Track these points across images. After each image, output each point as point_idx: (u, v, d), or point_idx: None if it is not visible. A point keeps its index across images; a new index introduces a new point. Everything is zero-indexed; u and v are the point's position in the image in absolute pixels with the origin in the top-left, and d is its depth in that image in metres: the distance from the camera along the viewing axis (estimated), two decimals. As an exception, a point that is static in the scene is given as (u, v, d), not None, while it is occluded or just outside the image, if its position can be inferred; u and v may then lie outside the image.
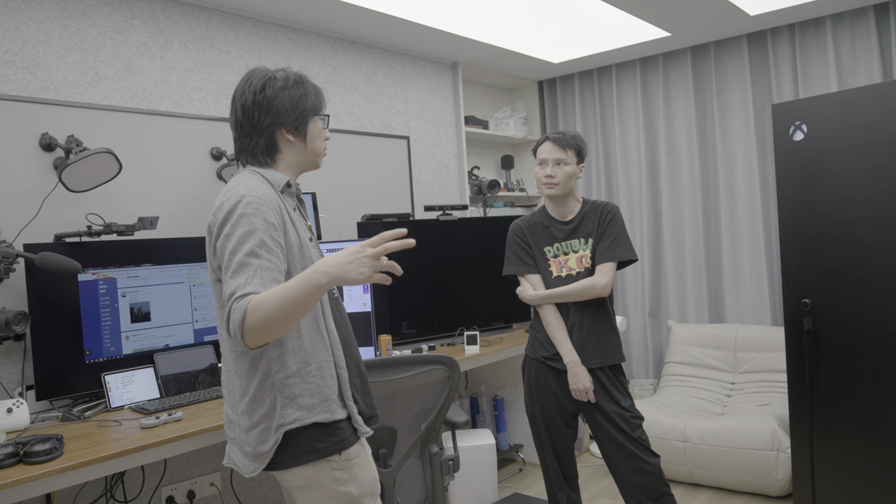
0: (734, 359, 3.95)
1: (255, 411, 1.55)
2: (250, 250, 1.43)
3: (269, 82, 1.58)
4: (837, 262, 2.81)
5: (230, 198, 1.50)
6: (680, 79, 4.34)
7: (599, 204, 2.52)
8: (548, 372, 2.50)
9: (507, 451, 4.03)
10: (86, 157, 2.35)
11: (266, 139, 1.60)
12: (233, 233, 1.45)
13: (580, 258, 2.48)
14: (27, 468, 1.79)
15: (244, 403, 1.56)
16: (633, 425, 2.40)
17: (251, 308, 1.36)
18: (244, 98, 1.59)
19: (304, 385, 1.54)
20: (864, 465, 2.79)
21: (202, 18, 3.05)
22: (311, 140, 1.64)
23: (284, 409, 1.53)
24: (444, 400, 2.27)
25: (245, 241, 1.44)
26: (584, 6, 3.41)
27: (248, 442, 1.56)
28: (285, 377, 1.53)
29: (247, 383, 1.56)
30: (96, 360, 2.48)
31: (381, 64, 3.90)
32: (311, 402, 1.55)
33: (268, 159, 1.62)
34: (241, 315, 1.36)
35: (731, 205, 4.17)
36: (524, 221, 2.59)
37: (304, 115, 1.61)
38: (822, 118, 2.82)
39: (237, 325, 1.37)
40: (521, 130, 4.82)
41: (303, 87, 1.61)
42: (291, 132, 1.61)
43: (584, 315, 2.45)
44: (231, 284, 1.41)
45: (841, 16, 3.75)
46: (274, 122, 1.58)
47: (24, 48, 2.49)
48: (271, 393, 1.53)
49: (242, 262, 1.42)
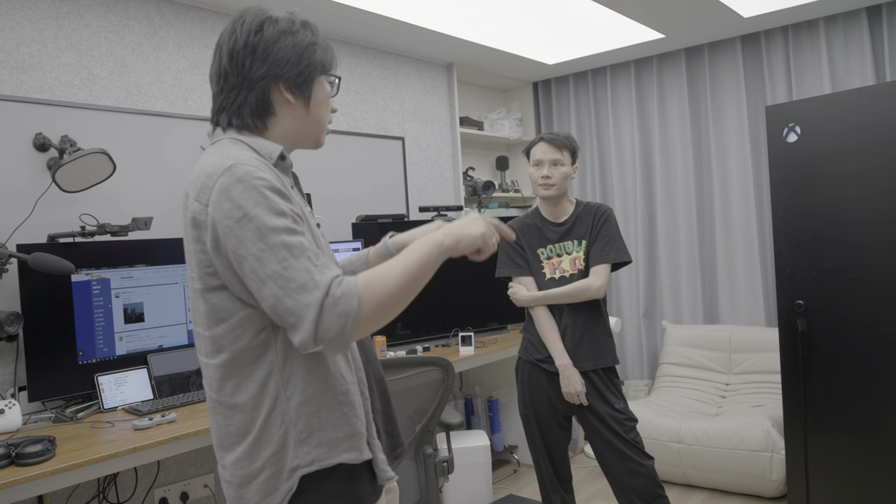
0: (728, 360, 3.96)
1: (258, 453, 1.17)
2: (286, 227, 1.08)
3: (269, 22, 1.21)
4: (831, 263, 2.82)
5: (213, 172, 1.11)
6: (674, 80, 4.36)
7: (593, 205, 2.51)
8: (541, 374, 2.49)
9: (502, 452, 4.03)
10: (80, 158, 2.34)
11: (258, 96, 1.21)
12: (246, 213, 1.07)
13: (573, 260, 2.47)
14: (19, 470, 1.78)
15: (246, 445, 1.18)
16: (627, 427, 2.39)
17: (363, 289, 1.06)
18: (233, 40, 1.20)
19: (326, 414, 1.18)
20: (858, 465, 2.79)
21: (197, 19, 3.04)
22: (316, 105, 1.26)
23: (300, 446, 1.16)
24: (438, 401, 2.26)
25: (269, 216, 1.08)
26: (579, 8, 3.42)
27: (253, 494, 1.17)
28: (300, 404, 1.17)
29: (250, 417, 1.17)
30: (89, 360, 2.47)
31: (376, 65, 3.90)
32: (334, 436, 1.19)
33: (258, 122, 1.23)
34: (354, 304, 1.05)
35: (725, 206, 4.18)
36: (517, 223, 2.58)
37: (311, 71, 1.23)
38: (815, 120, 2.84)
39: (353, 310, 1.04)
40: (515, 131, 4.82)
41: (312, 35, 1.24)
42: (291, 90, 1.22)
43: (578, 317, 2.45)
44: (288, 279, 1.05)
45: (834, 18, 3.76)
46: (270, 74, 1.20)
47: (18, 48, 2.48)
48: (281, 426, 1.16)
49: (289, 244, 1.07)
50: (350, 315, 1.05)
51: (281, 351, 1.17)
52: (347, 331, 1.05)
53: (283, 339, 1.16)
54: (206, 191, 1.12)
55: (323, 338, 1.05)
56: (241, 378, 1.17)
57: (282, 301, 1.05)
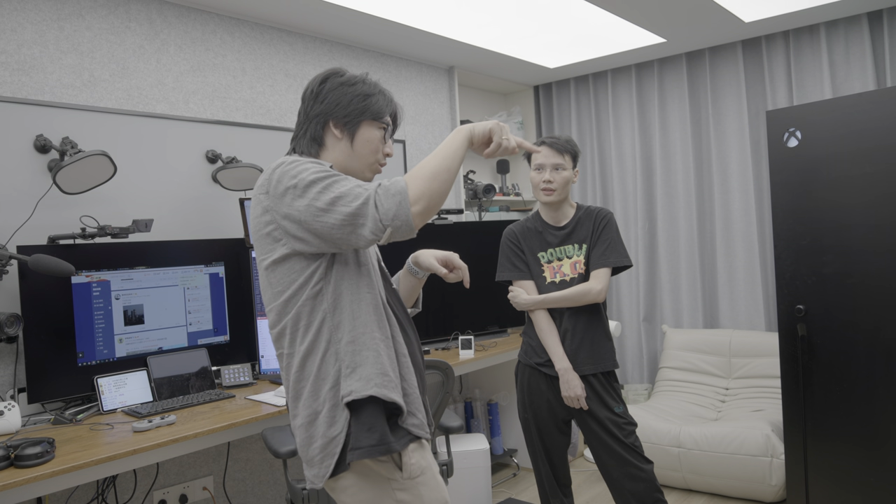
0: (728, 364, 3.96)
1: (319, 389, 1.43)
2: (327, 172, 1.38)
3: (333, 76, 1.54)
4: (831, 268, 2.82)
5: (269, 169, 1.45)
6: (675, 85, 4.36)
7: (594, 210, 2.51)
8: (541, 378, 2.48)
9: (501, 455, 4.02)
10: (80, 160, 2.34)
11: (314, 129, 1.53)
12: (295, 179, 1.37)
13: (574, 264, 2.47)
14: (18, 472, 1.78)
15: (309, 383, 1.44)
16: (627, 431, 2.39)
17: (408, 175, 1.35)
18: (307, 88, 1.55)
19: (366, 353, 1.43)
20: (858, 470, 2.79)
21: (198, 21, 3.04)
22: (361, 144, 1.53)
23: (347, 379, 1.41)
24: (438, 405, 2.26)
25: (311, 174, 1.37)
26: (580, 12, 3.42)
27: (316, 434, 1.42)
28: (347, 343, 1.43)
29: (306, 358, 1.44)
30: (89, 362, 2.47)
31: (377, 68, 3.90)
32: (370, 372, 1.42)
33: (312, 149, 1.54)
34: (402, 183, 1.33)
35: (725, 210, 4.18)
36: (517, 227, 2.58)
37: (357, 114, 1.51)
38: (816, 125, 2.84)
39: (402, 190, 1.32)
40: (516, 135, 4.82)
41: (365, 87, 1.53)
42: (339, 127, 1.52)
43: (578, 321, 2.44)
44: (338, 197, 1.34)
45: (835, 23, 3.77)
46: (323, 112, 1.51)
47: (19, 50, 2.48)
48: (336, 363, 1.42)
49: (334, 177, 1.37)
50: (402, 193, 1.32)
51: (331, 299, 1.44)
52: (405, 206, 1.32)
53: (333, 289, 1.44)
54: (265, 183, 1.43)
55: (386, 217, 1.32)
56: (304, 325, 1.44)
57: (346, 212, 1.33)
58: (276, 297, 1.46)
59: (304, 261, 1.43)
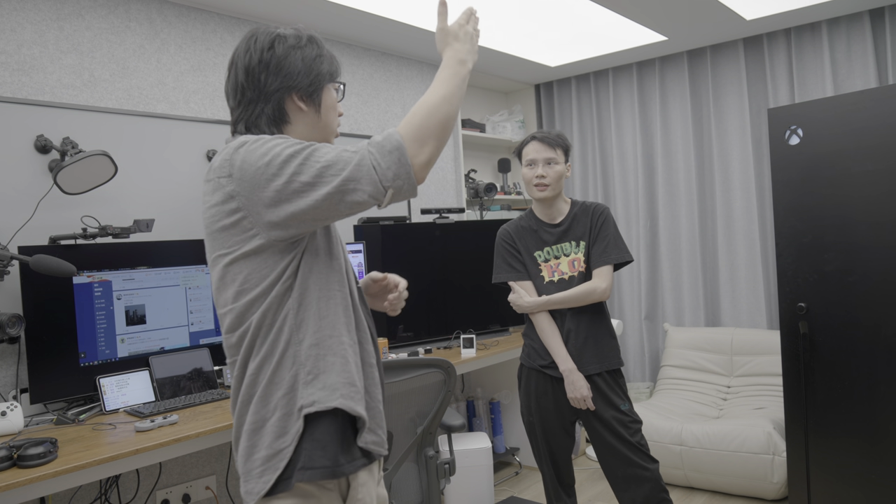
0: (730, 362, 3.96)
1: (271, 395, 1.26)
2: (303, 144, 1.22)
3: (279, 40, 1.35)
4: (833, 265, 2.82)
5: (226, 150, 1.27)
6: (676, 83, 4.35)
7: (589, 205, 2.47)
8: (546, 380, 2.45)
9: (504, 454, 4.02)
10: (81, 160, 2.34)
11: (274, 106, 1.33)
12: (268, 157, 1.21)
13: (572, 262, 2.43)
14: (21, 472, 1.78)
15: (261, 387, 1.27)
16: (632, 430, 2.36)
17: (401, 124, 1.22)
18: (248, 57, 1.34)
19: (332, 359, 1.28)
20: (859, 468, 2.79)
21: (198, 21, 3.04)
22: (326, 111, 1.39)
23: (306, 388, 1.25)
24: (440, 403, 2.26)
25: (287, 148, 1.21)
26: (582, 10, 3.42)
27: (260, 444, 1.26)
28: (310, 346, 1.27)
29: (262, 361, 1.27)
30: (91, 363, 2.47)
31: (377, 67, 3.90)
32: (336, 380, 1.27)
33: (275, 130, 1.35)
34: (395, 135, 1.19)
35: (727, 208, 4.18)
36: (511, 226, 2.53)
37: (320, 80, 1.36)
38: (817, 122, 2.83)
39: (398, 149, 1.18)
40: (517, 134, 4.82)
41: (317, 48, 1.38)
42: (304, 99, 1.35)
43: (581, 321, 2.41)
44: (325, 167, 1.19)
45: (837, 21, 3.76)
46: (284, 86, 1.33)
47: (19, 50, 2.48)
48: (292, 367, 1.26)
49: (312, 147, 1.21)
50: (399, 148, 1.18)
51: (297, 295, 1.27)
52: (405, 162, 1.18)
53: (301, 283, 1.28)
54: (225, 166, 1.25)
55: (386, 178, 1.18)
56: (265, 331, 1.27)
57: (337, 181, 1.18)
58: (239, 297, 1.28)
59: (279, 253, 1.26)
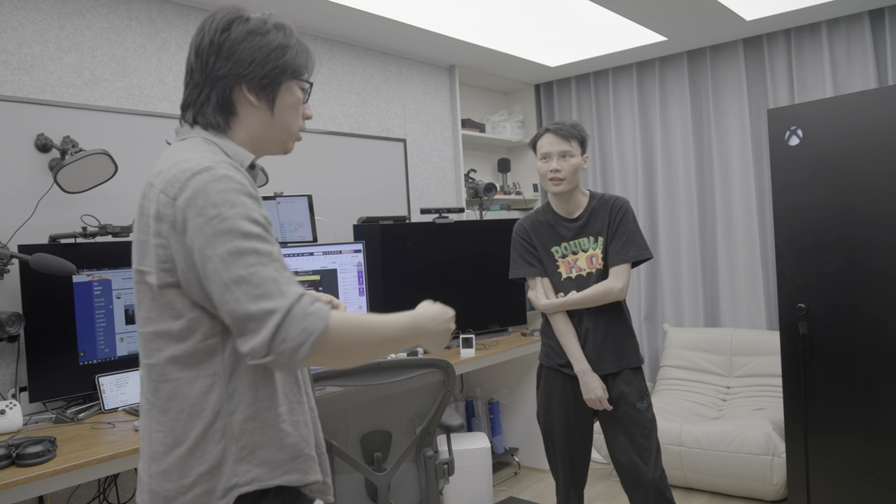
0: (730, 363, 3.96)
1: (190, 468, 1.10)
2: (258, 234, 1.06)
3: (238, 22, 1.18)
4: (833, 266, 2.82)
5: (188, 168, 1.08)
6: (676, 83, 4.35)
7: (608, 198, 2.37)
8: (564, 380, 2.40)
9: (503, 454, 4.02)
10: (81, 159, 2.34)
11: (219, 94, 1.18)
12: (220, 213, 1.04)
13: (590, 258, 2.35)
14: (20, 470, 1.78)
15: (175, 456, 1.11)
16: (646, 430, 2.31)
17: (338, 322, 1.04)
18: (200, 37, 1.19)
19: (271, 433, 1.14)
20: (859, 469, 2.79)
21: (199, 20, 3.02)
22: (282, 110, 1.22)
23: (240, 464, 1.11)
24: (439, 403, 2.26)
25: (243, 221, 1.05)
26: (582, 10, 3.42)
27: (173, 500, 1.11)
28: (245, 419, 1.12)
29: (184, 427, 1.11)
30: (90, 361, 2.47)
31: (378, 67, 3.90)
32: (277, 456, 1.14)
33: (220, 120, 1.19)
34: (322, 322, 1.02)
35: (726, 209, 4.18)
36: (528, 221, 2.46)
37: (277, 73, 1.19)
38: (817, 123, 2.83)
39: (315, 332, 1.01)
40: (517, 134, 4.82)
41: (283, 37, 1.20)
42: (255, 91, 1.19)
43: (599, 319, 2.34)
44: (254, 284, 1.02)
45: (836, 21, 3.76)
46: (232, 73, 1.17)
47: (20, 49, 2.48)
48: (220, 442, 1.11)
49: (259, 251, 1.04)
50: (313, 334, 1.01)
51: (229, 362, 1.12)
52: (305, 348, 1.01)
53: (231, 350, 1.12)
54: (175, 184, 1.08)
55: (278, 347, 1.00)
56: (178, 383, 1.12)
57: (243, 306, 1.01)
58: (154, 323, 1.13)
59: (196, 302, 1.11)
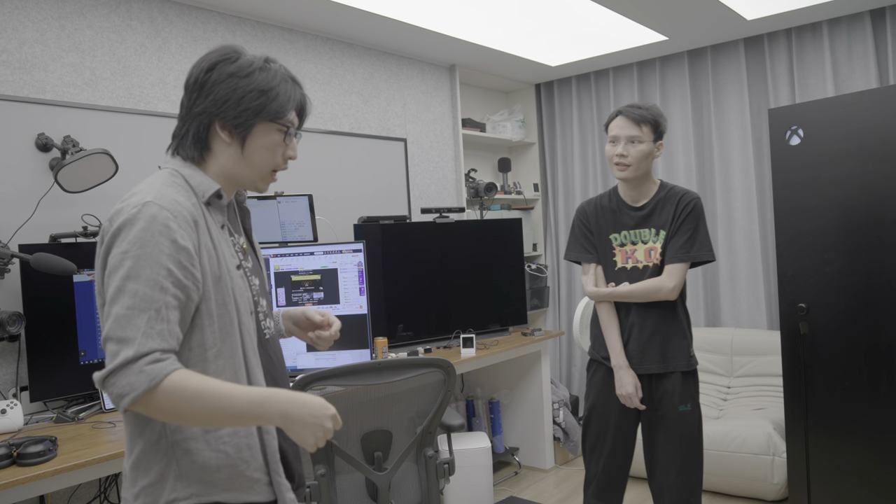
0: (730, 363, 3.96)
1: (136, 479, 1.18)
2: (153, 279, 1.10)
3: (222, 63, 1.24)
4: (833, 266, 2.82)
5: (132, 203, 1.16)
6: (677, 83, 4.35)
7: (678, 191, 2.27)
8: (606, 373, 2.34)
9: (503, 454, 4.02)
10: (82, 158, 2.34)
11: (196, 129, 1.25)
12: (129, 251, 1.12)
13: (649, 251, 2.26)
14: (21, 470, 1.78)
15: (128, 465, 1.20)
16: (686, 436, 2.24)
17: (171, 387, 1.07)
18: (189, 74, 1.27)
19: (210, 453, 1.18)
20: (859, 469, 2.79)
21: (199, 20, 3.04)
22: (253, 150, 1.26)
23: (180, 479, 1.17)
24: (439, 403, 2.26)
25: (145, 265, 1.11)
26: (582, 9, 3.42)
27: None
28: (185, 438, 1.17)
29: (131, 441, 1.20)
30: (91, 361, 2.47)
31: (378, 66, 3.90)
32: (215, 476, 1.19)
33: (195, 154, 1.27)
34: (147, 383, 1.06)
35: (727, 209, 4.17)
36: (591, 204, 2.37)
37: (250, 115, 1.23)
38: (818, 123, 2.83)
39: (137, 391, 1.05)
40: (518, 133, 4.82)
41: (262, 79, 1.24)
42: (227, 130, 1.24)
43: (648, 315, 2.25)
44: (123, 325, 1.09)
45: (837, 21, 3.76)
46: (206, 111, 1.23)
47: (20, 48, 2.48)
48: (162, 459, 1.17)
49: (143, 296, 1.10)
50: (136, 391, 1.06)
51: None
52: (126, 400, 1.07)
53: None
54: (119, 214, 1.16)
55: (108, 389, 1.09)
56: None
57: (108, 337, 1.10)
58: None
59: None
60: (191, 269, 1.16)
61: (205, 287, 1.19)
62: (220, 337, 1.20)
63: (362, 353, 2.88)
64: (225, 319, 1.21)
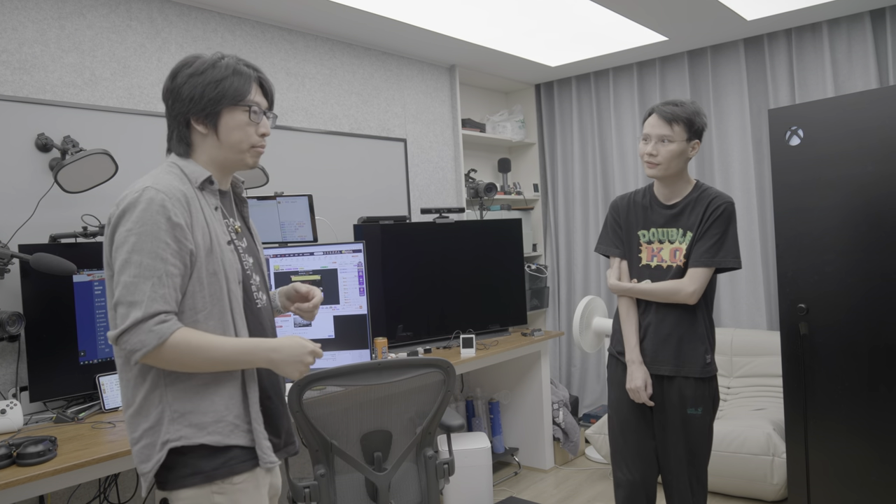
0: (730, 363, 3.95)
1: (138, 424, 1.39)
2: (154, 252, 1.32)
3: (183, 69, 1.45)
4: (833, 266, 2.82)
5: (135, 189, 1.38)
6: (677, 83, 4.35)
7: (711, 193, 2.22)
8: (620, 368, 2.34)
9: (503, 454, 4.02)
10: (82, 158, 2.34)
11: (179, 129, 1.48)
12: (133, 228, 1.33)
13: (674, 251, 2.23)
14: (20, 470, 1.78)
15: (129, 414, 1.42)
16: (693, 438, 2.21)
17: (175, 342, 1.31)
18: (164, 84, 1.49)
19: (198, 400, 1.39)
20: (859, 469, 2.79)
21: (199, 20, 3.04)
22: (227, 133, 1.46)
23: (173, 423, 1.38)
24: (439, 403, 2.26)
25: (146, 240, 1.33)
26: (581, 10, 3.42)
27: (134, 457, 1.41)
28: (178, 389, 1.39)
29: (132, 392, 1.41)
30: (91, 361, 2.47)
31: (378, 66, 3.90)
32: (202, 420, 1.39)
33: (183, 149, 1.49)
34: (156, 340, 1.30)
35: (727, 209, 4.17)
36: (624, 199, 2.37)
37: (215, 104, 1.44)
38: (818, 123, 2.83)
39: (148, 346, 1.30)
40: (517, 133, 4.82)
41: (215, 72, 1.44)
42: (201, 122, 1.45)
43: (667, 316, 2.23)
44: (132, 291, 1.31)
45: (837, 21, 3.76)
46: (181, 112, 1.45)
47: (20, 48, 2.48)
48: (159, 405, 1.38)
49: (147, 266, 1.32)
50: (146, 346, 1.30)
51: None
52: (137, 355, 1.31)
53: None
54: (124, 199, 1.37)
55: (121, 346, 1.32)
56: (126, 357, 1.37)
57: (119, 301, 1.32)
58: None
59: None
60: (185, 242, 1.36)
61: (197, 257, 1.39)
62: (210, 301, 1.41)
63: (362, 353, 2.88)
64: (215, 286, 1.41)
